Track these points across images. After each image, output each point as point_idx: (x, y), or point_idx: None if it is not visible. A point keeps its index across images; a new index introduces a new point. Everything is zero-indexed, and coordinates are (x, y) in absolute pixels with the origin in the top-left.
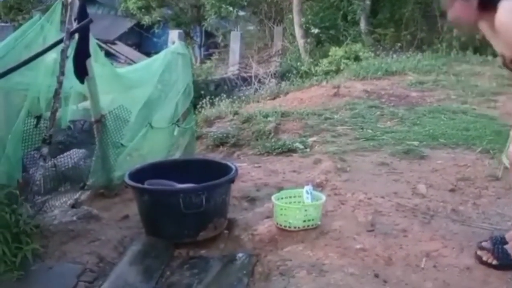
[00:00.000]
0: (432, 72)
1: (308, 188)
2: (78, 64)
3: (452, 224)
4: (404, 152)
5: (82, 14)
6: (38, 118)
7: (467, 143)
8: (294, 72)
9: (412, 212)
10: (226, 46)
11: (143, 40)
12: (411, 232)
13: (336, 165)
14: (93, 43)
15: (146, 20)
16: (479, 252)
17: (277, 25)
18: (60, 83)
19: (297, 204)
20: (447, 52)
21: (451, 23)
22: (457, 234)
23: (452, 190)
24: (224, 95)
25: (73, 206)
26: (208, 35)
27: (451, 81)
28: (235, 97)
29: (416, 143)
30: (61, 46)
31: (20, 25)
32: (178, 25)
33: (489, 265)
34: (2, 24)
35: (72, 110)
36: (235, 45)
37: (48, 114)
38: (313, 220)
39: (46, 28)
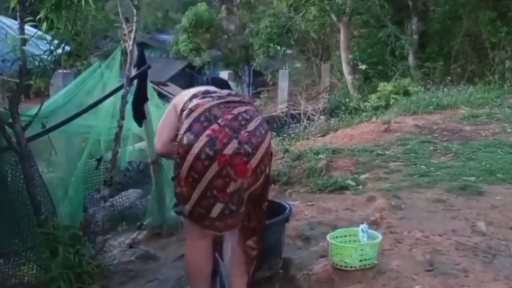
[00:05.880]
0: (485, 105)
1: (363, 226)
2: (137, 109)
3: None
4: (460, 188)
5: (141, 61)
6: (99, 160)
7: None
8: (343, 108)
9: (473, 251)
10: (274, 84)
11: (194, 81)
12: (473, 272)
13: (390, 203)
14: (149, 86)
15: (197, 61)
16: None
17: (324, 62)
18: (120, 127)
19: (353, 243)
20: (500, 84)
21: None
22: None
23: None
24: (274, 133)
25: (131, 246)
26: (256, 74)
27: (506, 114)
28: (285, 135)
29: (472, 178)
30: (121, 91)
31: (79, 71)
32: (227, 65)
33: None
34: (64, 71)
35: (129, 151)
36: (283, 83)
37: (108, 155)
38: (369, 259)
39: (105, 75)
